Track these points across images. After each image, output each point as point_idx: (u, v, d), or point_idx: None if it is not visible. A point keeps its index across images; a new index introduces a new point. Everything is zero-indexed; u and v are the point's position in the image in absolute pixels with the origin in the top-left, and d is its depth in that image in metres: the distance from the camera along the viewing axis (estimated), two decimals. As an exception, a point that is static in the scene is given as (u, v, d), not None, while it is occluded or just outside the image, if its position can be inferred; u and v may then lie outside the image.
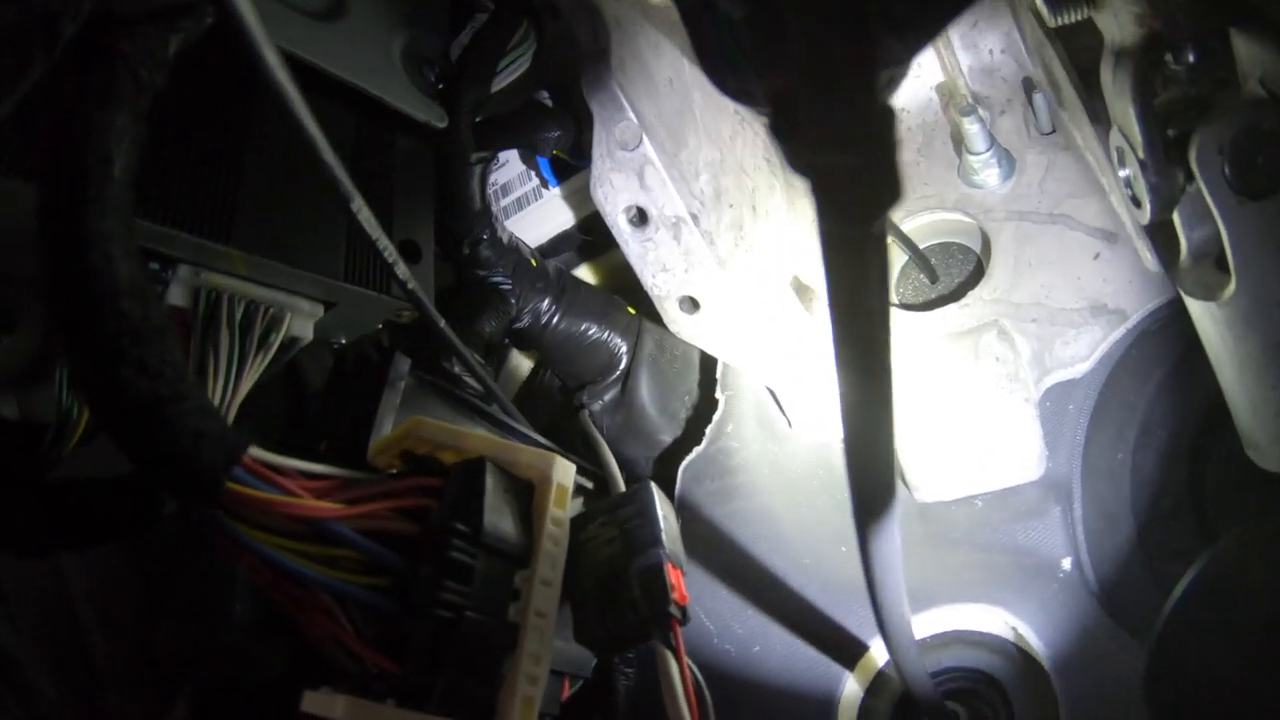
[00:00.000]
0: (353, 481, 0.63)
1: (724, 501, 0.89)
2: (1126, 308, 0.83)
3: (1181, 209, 0.69)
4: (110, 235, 0.50)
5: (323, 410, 0.78)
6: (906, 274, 0.95)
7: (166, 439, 0.51)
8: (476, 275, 0.86)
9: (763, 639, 0.83)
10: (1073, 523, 0.79)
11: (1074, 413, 0.82)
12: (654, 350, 0.95)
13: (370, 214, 0.58)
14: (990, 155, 0.90)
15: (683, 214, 0.77)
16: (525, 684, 0.61)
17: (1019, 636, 0.78)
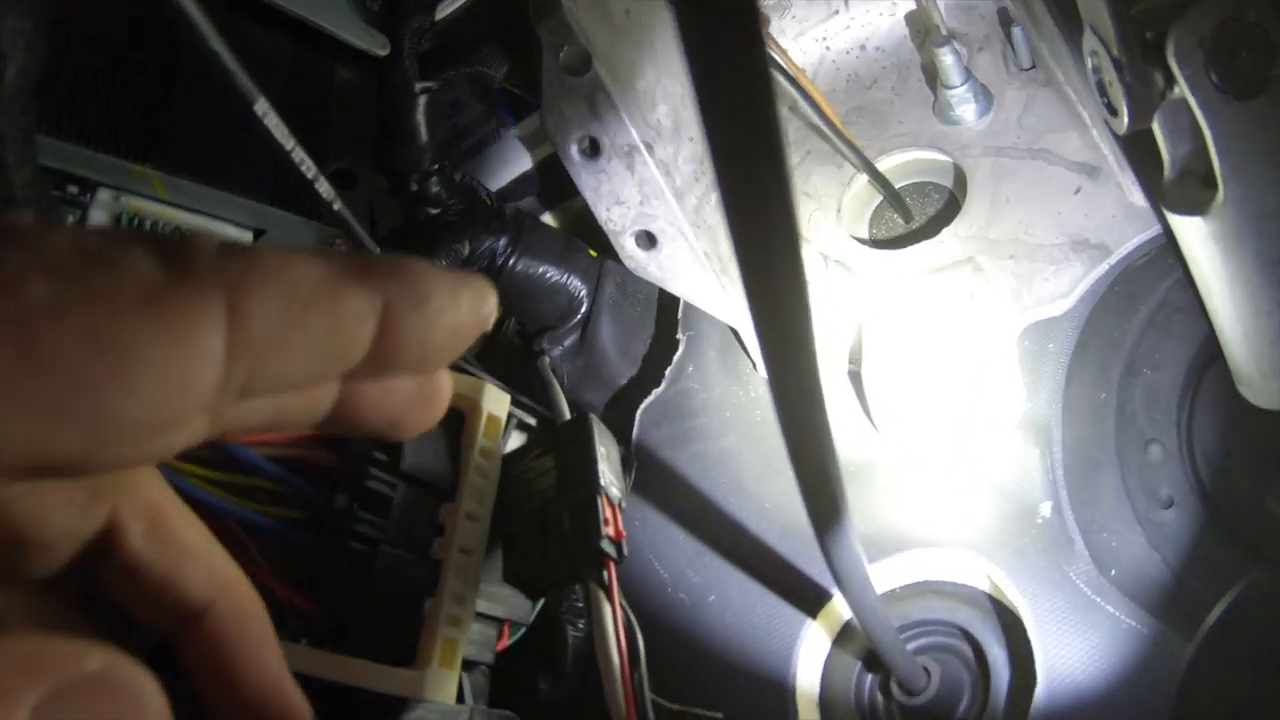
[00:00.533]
0: (270, 410, 0.59)
1: (683, 445, 0.85)
2: (1109, 243, 0.78)
3: (1163, 121, 0.65)
4: (4, 141, 0.48)
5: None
6: (880, 214, 0.91)
7: None
8: (426, 213, 0.83)
9: (719, 588, 0.79)
10: (1052, 466, 0.75)
11: (1054, 351, 0.78)
12: (615, 293, 0.91)
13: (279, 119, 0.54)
14: (966, 89, 0.85)
15: (636, 143, 0.73)
16: (446, 625, 0.57)
17: (994, 586, 0.74)
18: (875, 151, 0.89)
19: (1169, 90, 0.61)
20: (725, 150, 0.29)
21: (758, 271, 0.33)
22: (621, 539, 0.60)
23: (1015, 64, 0.87)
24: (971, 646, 0.74)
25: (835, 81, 0.94)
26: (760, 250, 0.32)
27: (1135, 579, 0.70)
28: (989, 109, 0.87)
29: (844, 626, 0.77)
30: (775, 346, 0.36)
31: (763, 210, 0.31)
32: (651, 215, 0.75)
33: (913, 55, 0.92)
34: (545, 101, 0.73)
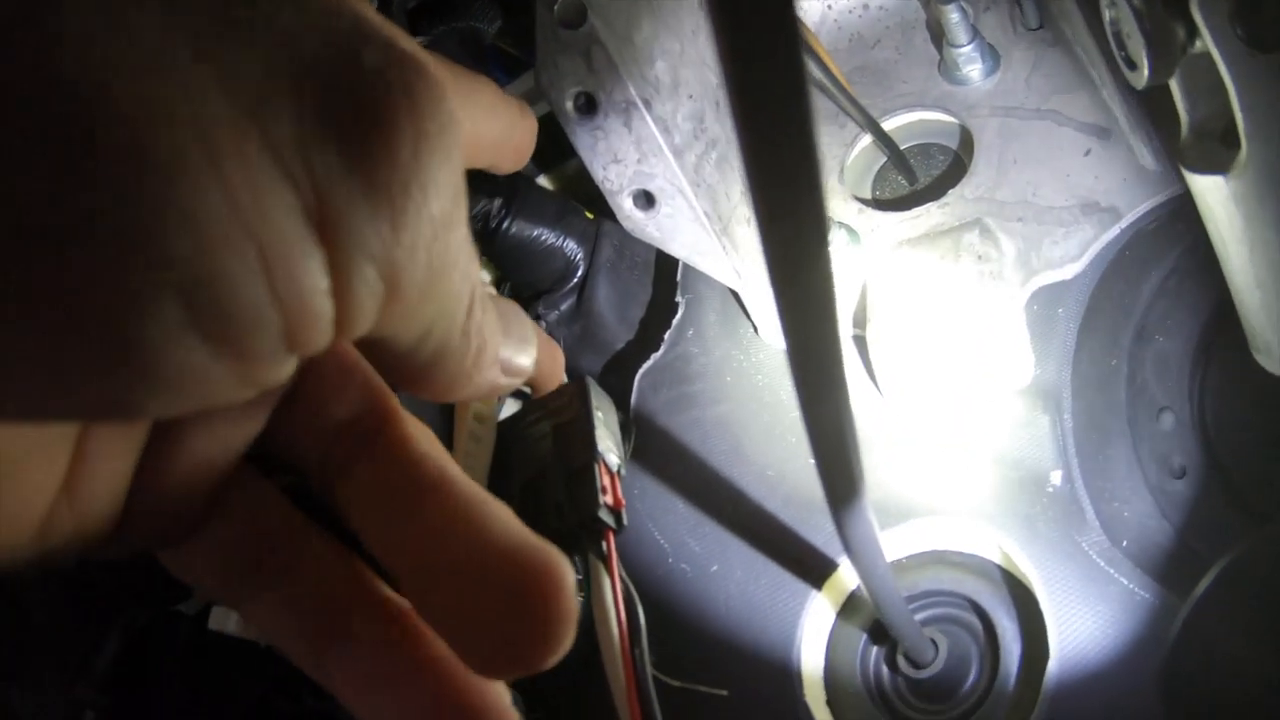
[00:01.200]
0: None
1: (683, 410, 0.83)
2: (1120, 206, 0.76)
3: (1181, 79, 0.63)
4: None
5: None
6: (884, 176, 0.89)
7: None
8: (417, 175, 0.80)
9: (722, 558, 0.77)
10: (1063, 434, 0.73)
11: (1063, 316, 0.75)
12: (612, 256, 0.89)
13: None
14: (973, 49, 0.83)
15: (633, 98, 0.70)
16: (442, 595, 0.55)
17: (1004, 555, 0.72)
18: (879, 112, 0.87)
19: (1190, 44, 0.59)
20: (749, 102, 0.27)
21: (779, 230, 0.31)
22: (621, 507, 0.58)
23: (1023, 23, 0.85)
24: (980, 618, 0.72)
25: (838, 40, 0.92)
26: (783, 211, 0.30)
27: (1147, 549, 0.68)
28: (996, 69, 0.84)
29: (849, 597, 0.75)
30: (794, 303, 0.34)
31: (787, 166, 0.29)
32: (650, 174, 0.73)
33: (918, 14, 0.90)
34: (539, 56, 0.70)
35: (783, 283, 0.33)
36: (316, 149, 0.22)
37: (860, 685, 0.73)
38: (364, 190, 0.23)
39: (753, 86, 0.26)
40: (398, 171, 0.23)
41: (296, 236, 0.22)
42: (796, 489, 0.77)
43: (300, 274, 0.22)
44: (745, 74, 0.25)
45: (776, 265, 0.32)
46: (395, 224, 0.23)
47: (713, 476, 0.80)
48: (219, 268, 0.20)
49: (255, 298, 0.21)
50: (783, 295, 0.33)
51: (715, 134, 0.78)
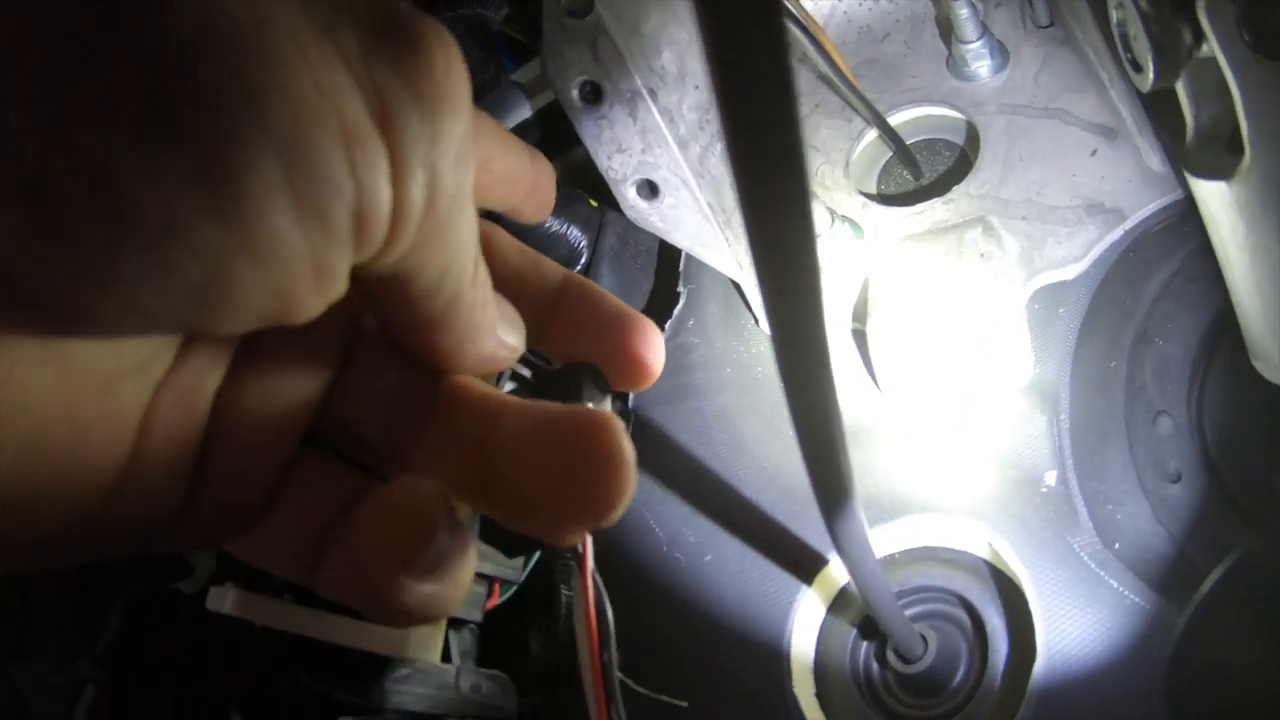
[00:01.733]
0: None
1: (681, 400, 0.83)
2: (1124, 207, 0.76)
3: (1187, 83, 0.63)
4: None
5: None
6: (889, 171, 0.88)
7: None
8: (422, 160, 0.80)
9: (716, 548, 0.77)
10: (1059, 434, 0.73)
11: (1065, 316, 0.75)
12: (616, 244, 0.89)
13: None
14: (982, 45, 0.83)
15: (639, 88, 0.70)
16: (432, 581, 0.55)
17: (995, 554, 0.72)
18: (886, 106, 0.86)
19: (1196, 48, 0.59)
20: (732, 88, 0.27)
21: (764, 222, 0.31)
22: None
23: (1033, 20, 0.85)
24: (970, 615, 0.73)
25: (846, 33, 0.91)
26: (768, 201, 0.30)
27: (1139, 553, 0.68)
28: (1004, 66, 0.84)
29: (840, 592, 0.76)
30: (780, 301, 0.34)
31: (772, 160, 0.29)
32: (654, 164, 0.73)
33: (927, 8, 0.90)
34: (545, 44, 0.70)
35: (768, 278, 0.33)
36: (375, 61, 0.26)
37: (849, 679, 0.74)
38: (413, 97, 0.27)
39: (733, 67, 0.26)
40: (436, 87, 0.27)
41: (367, 125, 0.26)
42: (793, 482, 0.77)
43: (371, 154, 0.26)
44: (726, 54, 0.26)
45: (762, 260, 0.32)
46: (436, 131, 0.28)
47: (710, 467, 0.80)
48: (310, 136, 0.24)
49: (336, 166, 0.25)
50: (769, 291, 0.33)
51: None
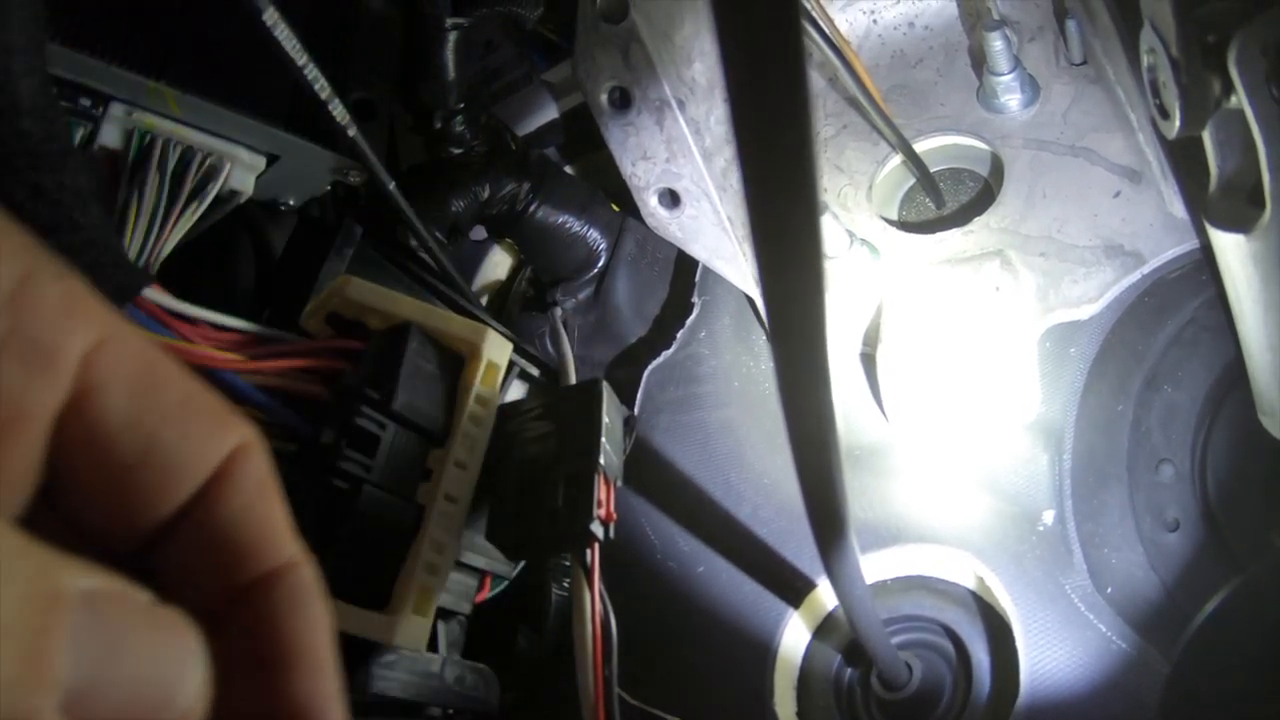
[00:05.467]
0: (267, 339, 0.58)
1: (687, 410, 0.83)
2: (1144, 251, 0.76)
3: (1214, 133, 0.63)
4: (11, 47, 0.46)
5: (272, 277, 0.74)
6: (911, 197, 0.89)
7: None
8: (448, 152, 0.81)
9: (709, 560, 0.78)
10: (1060, 474, 0.73)
11: (1075, 356, 0.75)
12: (634, 251, 0.89)
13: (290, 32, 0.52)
14: (1013, 78, 0.83)
15: (667, 98, 0.71)
16: (423, 572, 0.56)
17: (986, 589, 0.72)
18: (913, 132, 0.86)
19: (1225, 99, 0.59)
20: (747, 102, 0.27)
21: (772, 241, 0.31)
22: (611, 521, 0.59)
23: (1066, 57, 0.85)
24: (956, 647, 0.73)
25: (879, 56, 0.91)
26: (776, 219, 0.30)
27: (1131, 599, 0.68)
28: (1034, 100, 0.84)
29: (827, 616, 0.76)
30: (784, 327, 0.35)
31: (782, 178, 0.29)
32: (677, 174, 0.73)
33: (962, 37, 0.90)
34: (578, 47, 0.71)
35: (773, 302, 0.33)
36: None
37: (832, 702, 0.74)
38: None
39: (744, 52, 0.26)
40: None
41: None
42: (791, 499, 0.77)
43: None
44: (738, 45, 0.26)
45: (769, 288, 0.32)
46: None
47: (710, 479, 0.80)
48: None
49: None
50: (773, 312, 0.34)
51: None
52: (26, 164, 0.46)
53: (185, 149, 0.65)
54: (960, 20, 0.89)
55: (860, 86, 0.79)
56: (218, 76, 0.65)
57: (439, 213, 0.79)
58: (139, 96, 0.62)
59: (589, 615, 0.57)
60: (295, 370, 0.57)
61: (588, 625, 0.57)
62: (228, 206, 0.69)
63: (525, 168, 0.84)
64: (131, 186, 0.62)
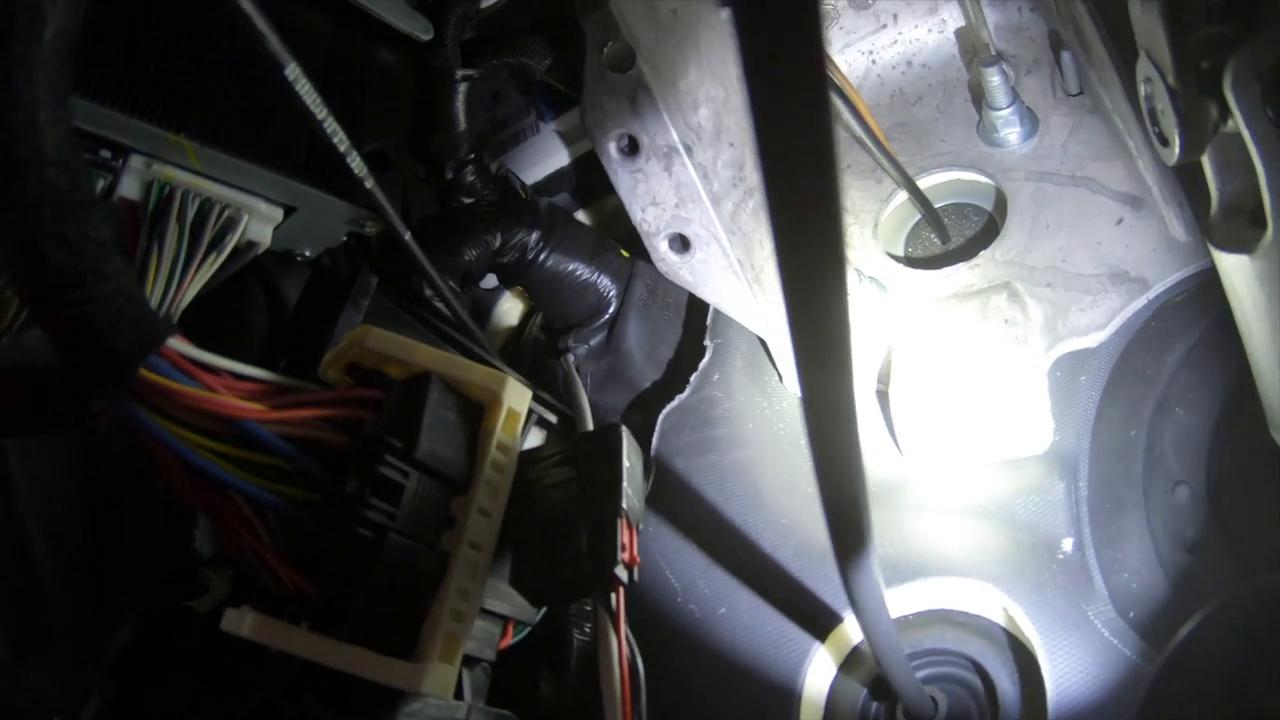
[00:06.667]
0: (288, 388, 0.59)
1: (703, 453, 0.84)
2: (1148, 276, 0.77)
3: (1213, 156, 0.63)
4: (37, 100, 0.47)
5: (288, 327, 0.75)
6: (917, 234, 0.90)
7: (82, 317, 0.48)
8: (460, 202, 0.82)
9: (730, 601, 0.78)
10: (1077, 501, 0.73)
11: (1086, 384, 0.76)
12: (645, 296, 0.90)
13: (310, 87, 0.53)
14: (1012, 112, 0.84)
15: (675, 144, 0.72)
16: (450, 620, 0.56)
17: (1009, 619, 0.72)
18: (916, 169, 0.88)
19: (1222, 123, 0.60)
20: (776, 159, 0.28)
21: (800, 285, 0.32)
22: (635, 564, 0.59)
23: (1063, 89, 0.86)
24: (982, 679, 0.72)
25: (879, 96, 0.93)
26: (804, 265, 0.31)
27: (1154, 622, 0.68)
28: (1034, 133, 0.85)
29: (852, 651, 0.76)
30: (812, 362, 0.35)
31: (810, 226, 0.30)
32: (686, 219, 0.74)
33: (960, 74, 0.91)
34: (586, 97, 0.72)
35: (798, 325, 0.34)
36: None
37: (858, 738, 0.74)
38: None
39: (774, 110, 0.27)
40: None
41: None
42: (810, 539, 0.78)
43: None
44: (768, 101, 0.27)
45: (795, 313, 0.33)
46: None
47: (728, 521, 0.81)
48: None
49: None
50: (798, 336, 0.34)
51: (753, 182, 0.79)
52: (52, 215, 0.47)
53: (204, 201, 0.66)
54: (958, 56, 0.91)
55: (863, 126, 0.80)
56: (236, 129, 0.67)
57: (452, 262, 0.80)
58: (159, 149, 0.64)
59: (616, 659, 0.57)
60: (317, 419, 0.57)
61: (615, 669, 0.57)
62: (246, 258, 0.70)
63: (535, 216, 0.85)
64: (151, 237, 0.63)
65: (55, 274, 0.48)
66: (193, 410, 0.52)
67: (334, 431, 0.58)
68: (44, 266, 0.47)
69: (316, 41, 0.76)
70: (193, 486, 0.55)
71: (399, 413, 0.58)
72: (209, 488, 0.55)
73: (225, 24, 0.69)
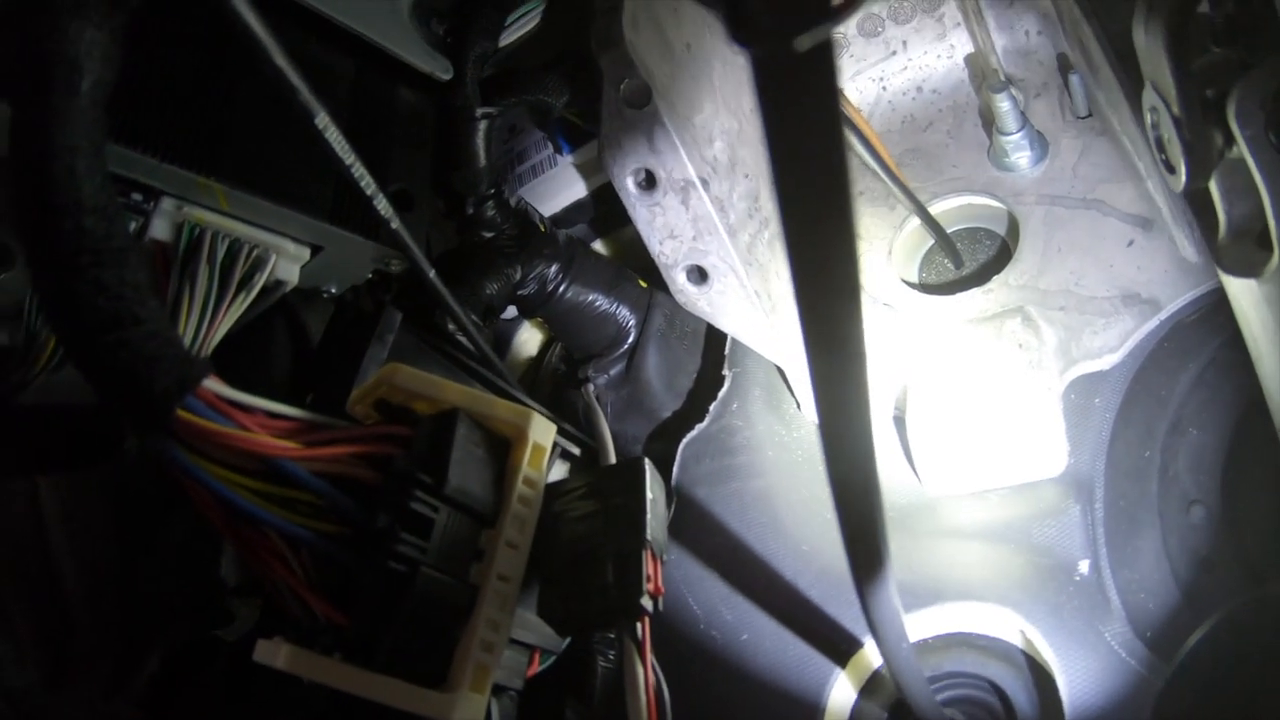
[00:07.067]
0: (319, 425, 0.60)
1: (723, 481, 0.85)
2: (1160, 298, 0.78)
3: (1220, 181, 0.65)
4: (75, 149, 0.49)
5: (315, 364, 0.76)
6: (930, 259, 0.91)
7: (120, 360, 0.50)
8: (480, 236, 0.84)
9: (752, 627, 0.79)
10: (1093, 523, 0.74)
11: (1100, 406, 0.77)
12: (663, 325, 0.91)
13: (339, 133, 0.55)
14: (1022, 136, 0.85)
15: (692, 178, 0.73)
16: (480, 650, 0.57)
17: (1028, 642, 0.73)
18: (928, 195, 0.89)
19: (1227, 149, 0.61)
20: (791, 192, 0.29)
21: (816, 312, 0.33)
22: (660, 595, 0.60)
23: (1072, 111, 0.87)
24: (1001, 701, 0.73)
25: (890, 122, 0.94)
26: (820, 293, 0.33)
27: (1171, 642, 0.69)
28: (1044, 156, 0.86)
29: (872, 675, 0.76)
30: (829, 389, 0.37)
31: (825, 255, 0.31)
32: (704, 251, 0.75)
33: (969, 99, 0.92)
34: (604, 133, 0.74)
35: (815, 352, 0.35)
36: None
37: (880, 761, 0.75)
38: None
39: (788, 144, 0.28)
40: None
41: None
42: (830, 565, 0.79)
43: None
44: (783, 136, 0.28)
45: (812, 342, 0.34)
46: None
47: (749, 548, 0.82)
48: None
49: None
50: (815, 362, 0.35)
51: (768, 213, 0.80)
52: (90, 261, 0.48)
53: (233, 241, 0.67)
54: (967, 81, 0.92)
55: (874, 154, 0.81)
56: (264, 171, 0.68)
57: (474, 296, 0.81)
58: (189, 191, 0.65)
59: (642, 688, 0.58)
60: (348, 456, 0.59)
61: (641, 698, 0.58)
62: (273, 296, 0.71)
63: (555, 248, 0.87)
64: (183, 278, 0.65)
65: (94, 318, 0.49)
66: (228, 449, 0.54)
67: (364, 467, 0.59)
68: (83, 311, 0.49)
69: (339, 82, 0.77)
70: (227, 522, 0.56)
71: (428, 449, 0.59)
72: (243, 523, 0.56)
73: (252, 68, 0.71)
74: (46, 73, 0.48)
